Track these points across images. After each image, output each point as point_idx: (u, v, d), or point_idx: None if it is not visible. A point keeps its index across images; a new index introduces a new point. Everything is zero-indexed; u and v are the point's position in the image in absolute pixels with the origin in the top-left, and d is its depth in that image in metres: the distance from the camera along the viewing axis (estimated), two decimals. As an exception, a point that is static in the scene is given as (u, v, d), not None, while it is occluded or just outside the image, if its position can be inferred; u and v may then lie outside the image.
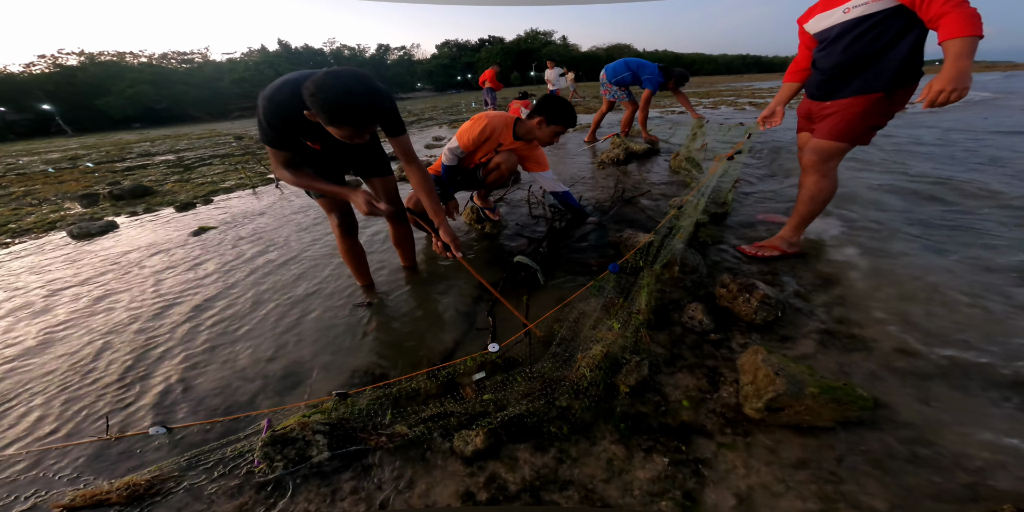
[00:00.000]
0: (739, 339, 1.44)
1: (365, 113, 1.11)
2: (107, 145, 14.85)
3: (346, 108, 1.08)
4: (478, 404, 1.23)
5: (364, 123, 1.13)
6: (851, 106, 1.56)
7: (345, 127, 1.12)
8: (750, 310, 1.48)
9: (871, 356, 1.33)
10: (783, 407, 1.10)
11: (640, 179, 3.68)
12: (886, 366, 1.28)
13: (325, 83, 1.06)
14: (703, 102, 11.50)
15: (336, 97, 1.06)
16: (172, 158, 8.69)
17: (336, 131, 1.15)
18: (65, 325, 1.96)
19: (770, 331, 1.47)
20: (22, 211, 4.62)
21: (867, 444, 1.05)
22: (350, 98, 1.07)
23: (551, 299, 1.77)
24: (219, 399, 1.37)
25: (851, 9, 1.46)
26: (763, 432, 1.10)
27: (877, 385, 1.21)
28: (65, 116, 38.28)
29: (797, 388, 1.09)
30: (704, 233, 2.27)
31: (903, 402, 1.15)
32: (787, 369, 1.13)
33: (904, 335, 1.40)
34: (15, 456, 1.17)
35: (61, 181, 6.61)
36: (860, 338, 1.41)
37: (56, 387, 1.49)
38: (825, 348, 1.38)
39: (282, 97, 1.23)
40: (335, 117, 1.09)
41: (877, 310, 1.53)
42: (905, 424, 1.09)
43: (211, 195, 4.67)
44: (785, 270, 1.87)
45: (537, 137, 2.19)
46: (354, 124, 1.12)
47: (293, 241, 2.84)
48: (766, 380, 1.12)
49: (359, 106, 1.09)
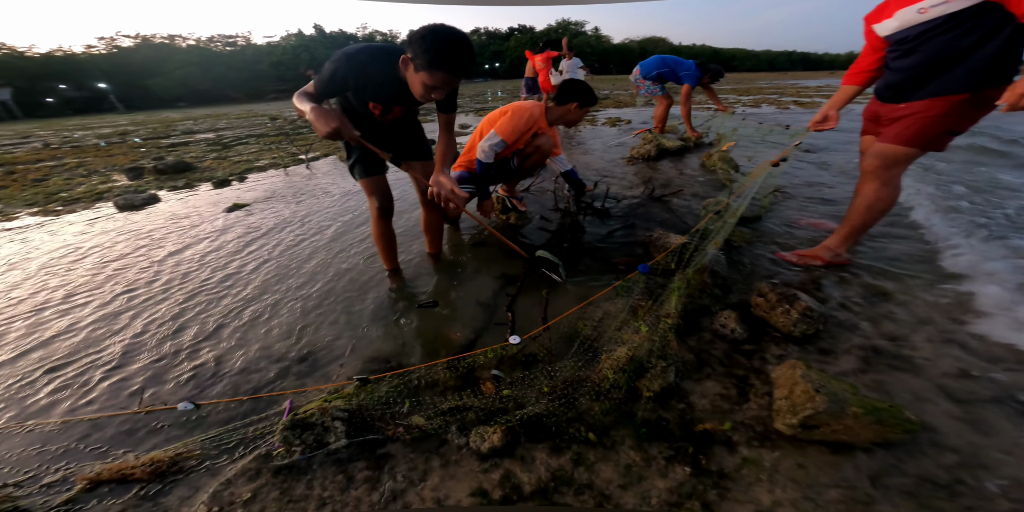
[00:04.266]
0: (774, 350, 1.33)
1: (463, 62, 1.16)
2: (154, 122, 15.23)
3: (450, 53, 1.14)
4: (497, 400, 1.18)
5: (458, 71, 1.17)
6: (928, 108, 1.38)
7: (439, 72, 1.16)
8: (789, 322, 1.36)
9: (919, 376, 1.21)
10: (819, 425, 1.01)
11: (672, 177, 3.46)
12: (935, 388, 1.16)
13: (437, 28, 1.13)
14: (742, 99, 10.86)
15: (445, 40, 1.13)
16: (212, 136, 8.83)
17: (426, 77, 1.18)
18: (95, 296, 1.99)
19: (808, 343, 1.35)
20: (74, 181, 4.77)
21: (906, 467, 0.95)
22: (455, 44, 1.13)
23: (573, 296, 1.68)
24: (244, 376, 1.35)
25: (927, 9, 1.29)
26: (793, 447, 1.01)
27: (924, 407, 1.10)
28: (118, 94, 39.54)
29: (838, 407, 0.99)
30: (738, 236, 2.12)
31: (950, 427, 1.04)
32: (829, 386, 1.02)
33: (958, 357, 1.26)
34: (49, 425, 1.18)
35: (111, 155, 6.79)
36: (908, 357, 1.28)
37: (88, 357, 1.50)
38: (868, 365, 1.26)
39: (358, 57, 1.29)
40: (435, 59, 1.14)
41: (930, 328, 1.39)
42: (950, 449, 0.99)
43: (246, 173, 4.70)
44: (829, 280, 1.71)
45: (570, 120, 2.21)
46: (450, 69, 1.16)
47: (322, 221, 2.81)
48: (804, 396, 1.02)
49: (460, 54, 1.15)
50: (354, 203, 3.22)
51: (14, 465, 1.04)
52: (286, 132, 8.52)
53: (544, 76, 7.15)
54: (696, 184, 3.22)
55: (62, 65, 39.60)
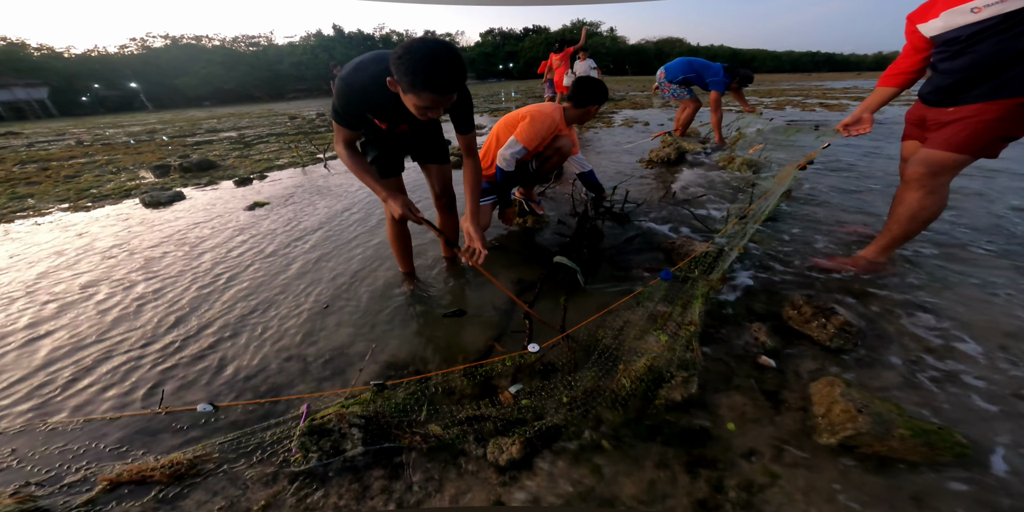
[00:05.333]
0: (808, 364, 1.26)
1: (448, 79, 1.07)
2: (181, 121, 15.57)
3: (431, 71, 1.04)
4: (515, 410, 1.13)
5: (445, 88, 1.08)
6: (982, 112, 1.28)
7: (425, 93, 1.07)
8: (825, 336, 1.28)
9: (970, 395, 1.12)
10: (860, 445, 0.94)
11: (692, 181, 3.34)
12: (988, 407, 1.08)
13: (412, 46, 1.04)
14: (764, 101, 10.49)
15: (421, 58, 1.03)
16: (234, 135, 8.97)
17: (414, 99, 1.10)
18: (120, 294, 2.00)
19: (847, 356, 1.27)
20: (104, 178, 4.88)
21: (952, 488, 0.88)
22: (435, 61, 1.03)
23: (592, 304, 1.62)
24: (262, 379, 1.33)
25: (981, 8, 1.19)
26: (828, 463, 0.95)
27: (973, 428, 1.02)
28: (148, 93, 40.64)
29: (883, 429, 0.92)
30: (766, 243, 2.01)
31: (1006, 449, 0.96)
32: (872, 406, 0.95)
33: (1014, 375, 1.17)
34: (71, 423, 1.17)
35: (139, 152, 6.95)
36: (957, 374, 1.19)
37: (108, 355, 1.51)
38: (912, 382, 1.17)
39: (356, 78, 1.23)
40: (417, 81, 1.05)
41: (984, 346, 1.29)
42: (1002, 472, 0.91)
43: (266, 171, 4.74)
44: (868, 290, 1.61)
45: (587, 120, 2.19)
46: (435, 88, 1.06)
47: (340, 221, 2.80)
48: (844, 416, 0.96)
49: (443, 71, 1.05)
50: (371, 203, 3.21)
51: (36, 464, 1.04)
52: (305, 131, 8.61)
53: (560, 75, 7.04)
54: (718, 188, 3.10)
55: (97, 65, 40.87)
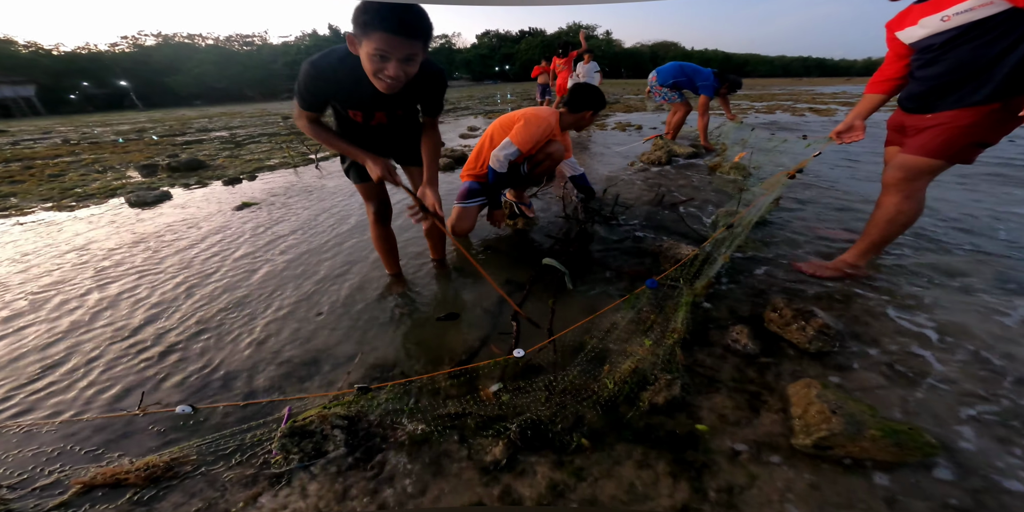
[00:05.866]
0: (788, 366, 1.27)
1: (403, 14, 0.94)
2: (171, 120, 15.33)
3: (383, 7, 0.93)
4: (497, 407, 1.13)
5: (400, 26, 0.96)
6: (956, 119, 1.30)
7: (377, 33, 0.96)
8: (804, 338, 1.30)
9: (944, 397, 1.14)
10: (833, 446, 0.95)
11: (682, 184, 3.35)
12: (958, 410, 1.10)
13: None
14: (755, 106, 10.59)
15: None
16: (226, 134, 8.85)
17: (367, 47, 1.00)
18: (97, 293, 1.96)
19: (825, 359, 1.29)
20: (89, 177, 4.77)
21: (926, 488, 0.90)
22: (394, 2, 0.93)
23: (579, 306, 1.62)
24: (244, 381, 1.31)
25: (951, 17, 1.21)
26: (805, 465, 0.96)
27: (947, 430, 1.04)
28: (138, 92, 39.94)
29: (855, 429, 0.93)
30: (750, 246, 2.03)
31: (976, 450, 0.98)
32: (845, 407, 0.97)
33: (984, 378, 1.20)
34: (46, 425, 1.14)
35: (127, 151, 6.82)
36: (931, 376, 1.21)
37: (88, 356, 1.47)
38: (888, 384, 1.19)
39: (323, 61, 1.17)
40: (369, 19, 0.95)
41: (958, 349, 1.31)
42: (974, 472, 0.93)
43: (256, 171, 4.68)
44: (847, 294, 1.63)
45: (582, 126, 2.20)
46: (388, 26, 0.95)
47: (328, 224, 2.77)
48: (819, 417, 0.97)
49: (397, 6, 0.93)
50: (361, 205, 3.19)
51: (9, 466, 1.01)
52: (297, 131, 8.52)
53: (564, 78, 6.96)
54: (707, 192, 3.11)
55: (86, 63, 40.09)
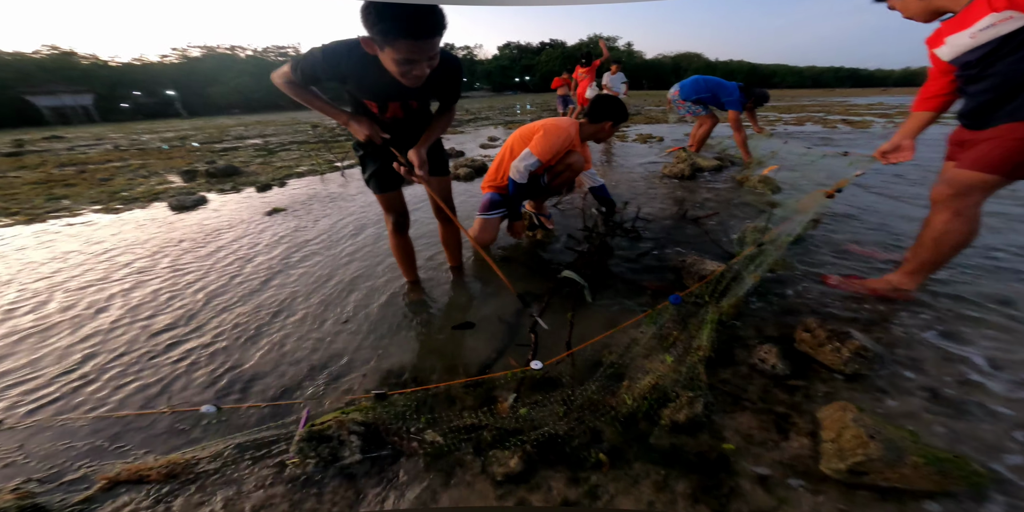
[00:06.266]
0: (820, 388, 1.19)
1: (422, 19, 0.92)
2: (211, 128, 16.13)
3: (401, 15, 0.90)
4: (514, 420, 1.11)
5: (421, 31, 0.94)
6: (1012, 131, 1.21)
7: (400, 41, 0.94)
8: (839, 360, 1.22)
9: (994, 426, 1.05)
10: (869, 472, 0.88)
11: (706, 198, 3.20)
12: (1014, 440, 1.00)
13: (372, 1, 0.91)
14: (783, 117, 10.17)
15: (387, 4, 0.89)
16: (259, 142, 9.23)
17: (392, 52, 0.98)
18: (137, 292, 2.04)
19: (861, 383, 1.21)
20: (135, 181, 5.05)
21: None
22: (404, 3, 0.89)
23: (599, 320, 1.58)
24: (266, 382, 1.33)
25: (976, 34, 1.15)
26: (836, 491, 0.90)
27: (998, 460, 0.95)
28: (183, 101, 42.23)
29: (895, 455, 0.86)
30: (779, 263, 1.91)
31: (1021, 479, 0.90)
32: (884, 433, 0.90)
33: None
34: (79, 420, 1.18)
35: (170, 157, 7.20)
36: (980, 404, 1.12)
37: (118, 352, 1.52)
38: (931, 410, 1.10)
39: (333, 46, 1.13)
40: (390, 27, 0.93)
41: (1010, 379, 1.20)
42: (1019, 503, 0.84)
43: (286, 178, 4.84)
44: (887, 316, 1.51)
45: (602, 137, 2.17)
46: (410, 33, 0.93)
47: (349, 231, 2.82)
48: (854, 441, 0.90)
49: (415, 11, 0.91)
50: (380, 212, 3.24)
51: (41, 460, 1.04)
52: (325, 140, 8.81)
53: (584, 87, 6.90)
54: (733, 206, 2.96)
55: (138, 73, 42.82)
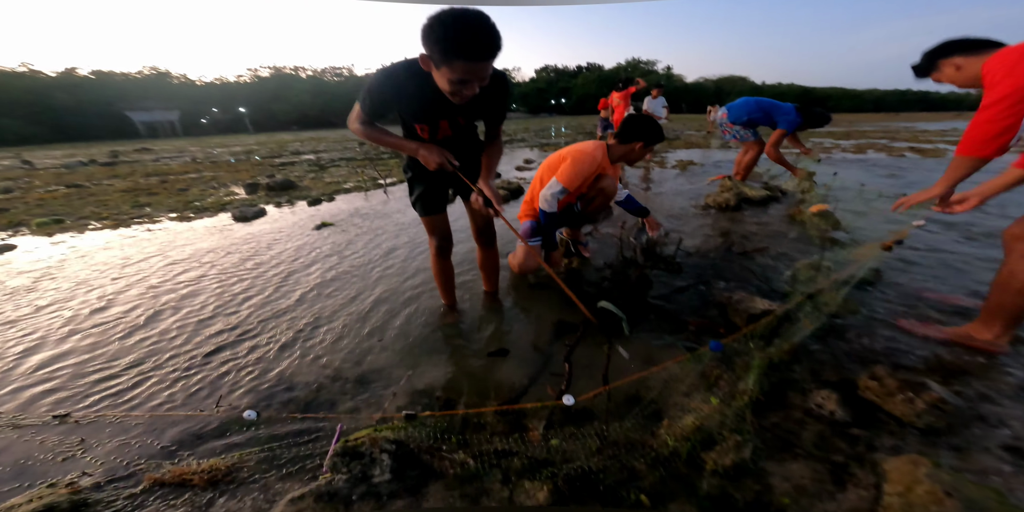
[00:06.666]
0: (886, 439, 1.07)
1: (481, 43, 0.98)
2: (272, 143, 17.51)
3: (462, 37, 0.96)
4: (544, 450, 1.06)
5: (478, 54, 0.99)
6: None
7: (458, 62, 0.99)
8: (911, 412, 1.09)
9: None
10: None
11: (754, 231, 2.96)
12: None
13: (441, 13, 0.97)
14: (840, 144, 9.43)
15: (454, 23, 0.95)
16: (313, 158, 9.88)
17: (447, 72, 1.03)
18: (199, 298, 2.18)
19: (935, 437, 1.07)
20: (207, 192, 5.53)
21: None
22: (467, 25, 0.95)
23: (635, 353, 1.50)
24: (303, 392, 1.36)
25: None
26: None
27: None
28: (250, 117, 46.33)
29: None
30: (843, 305, 1.70)
31: None
32: (963, 490, 0.79)
33: None
34: (137, 418, 1.25)
35: (237, 170, 7.85)
36: None
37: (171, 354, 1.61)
38: (1019, 470, 0.96)
39: (392, 68, 1.20)
40: (449, 47, 0.98)
41: None
42: None
43: (335, 193, 5.11)
44: (967, 367, 1.34)
45: (632, 159, 2.05)
46: (468, 55, 0.98)
47: (392, 247, 2.88)
48: (928, 498, 0.80)
49: (476, 36, 0.97)
50: (423, 231, 3.32)
51: (97, 456, 1.10)
52: (371, 157, 9.30)
53: (620, 113, 6.83)
54: (784, 241, 2.69)
55: (218, 92, 47.64)
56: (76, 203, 4.97)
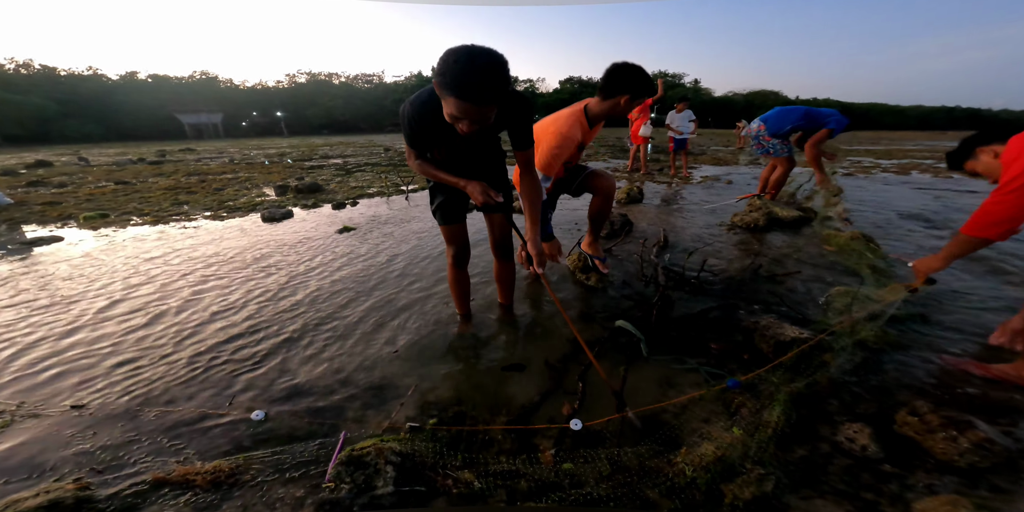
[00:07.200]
0: (921, 478, 0.98)
1: (477, 86, 0.99)
2: (303, 146, 18.10)
3: (460, 77, 0.98)
4: (554, 473, 1.02)
5: (471, 96, 1.00)
6: None
7: (451, 98, 1.02)
8: (953, 451, 1.00)
9: None
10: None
11: (784, 253, 2.78)
12: None
13: (454, 48, 1.00)
14: (881, 163, 8.80)
15: (456, 60, 0.97)
16: (340, 162, 10.13)
17: (445, 105, 1.06)
18: (216, 295, 2.23)
19: (976, 477, 0.98)
20: (240, 192, 5.73)
21: None
22: (467, 65, 0.97)
23: (653, 377, 1.42)
24: (311, 397, 1.35)
25: None
26: None
27: None
28: (285, 121, 48.17)
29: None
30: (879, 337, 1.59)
31: None
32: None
33: None
34: (146, 413, 1.27)
35: (270, 172, 8.12)
36: None
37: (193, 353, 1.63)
38: None
39: (416, 97, 1.24)
40: (446, 82, 1.00)
41: None
42: None
43: (358, 198, 5.19)
44: (1017, 403, 1.24)
45: (618, 113, 1.78)
46: (461, 94, 1.00)
47: (410, 255, 2.86)
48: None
49: (470, 77, 0.98)
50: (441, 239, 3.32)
51: (107, 450, 1.11)
52: (395, 163, 9.46)
53: (638, 126, 6.62)
54: (817, 266, 2.51)
55: (258, 96, 49.83)
56: (121, 199, 5.23)
